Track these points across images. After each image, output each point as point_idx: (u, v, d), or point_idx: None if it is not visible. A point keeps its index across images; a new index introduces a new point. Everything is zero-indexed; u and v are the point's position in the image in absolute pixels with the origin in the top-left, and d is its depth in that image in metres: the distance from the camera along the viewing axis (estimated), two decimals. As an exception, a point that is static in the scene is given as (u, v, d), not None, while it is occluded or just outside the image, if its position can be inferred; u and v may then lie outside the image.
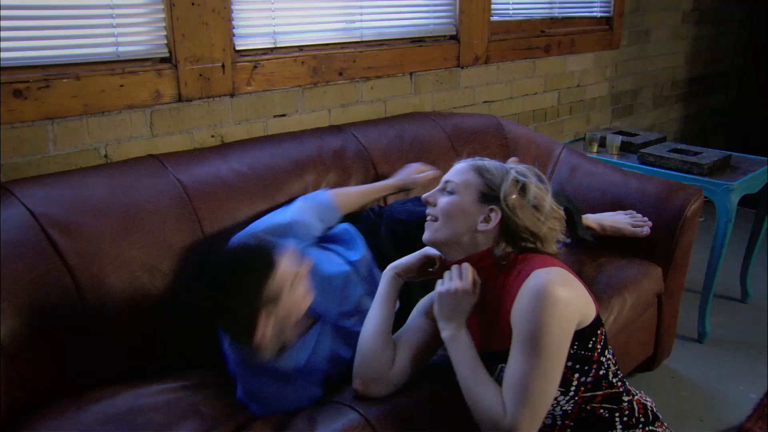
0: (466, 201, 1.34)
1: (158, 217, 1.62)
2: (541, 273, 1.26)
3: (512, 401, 1.22)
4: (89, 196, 1.58)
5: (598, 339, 1.31)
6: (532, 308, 1.22)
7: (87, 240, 1.50)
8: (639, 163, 2.67)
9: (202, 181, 1.74)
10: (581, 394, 1.31)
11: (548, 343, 1.21)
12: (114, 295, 1.51)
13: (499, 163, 1.40)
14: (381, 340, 1.41)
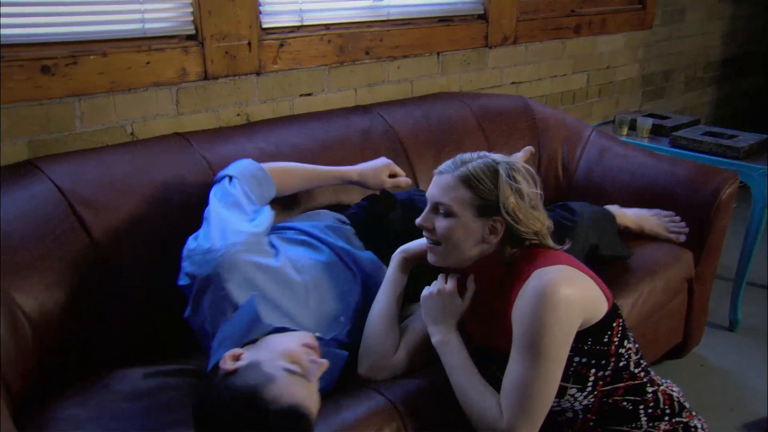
0: (467, 221, 1.27)
1: (184, 195, 1.61)
2: (542, 273, 1.22)
3: (510, 405, 1.20)
4: (116, 173, 1.58)
5: (615, 332, 1.27)
6: (531, 311, 1.19)
7: (113, 217, 1.50)
8: (670, 146, 2.60)
9: (227, 159, 1.70)
10: (600, 388, 1.28)
11: (548, 347, 1.18)
12: (141, 273, 1.51)
13: (483, 161, 1.29)
14: (386, 324, 1.39)
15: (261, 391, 1.11)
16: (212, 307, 1.31)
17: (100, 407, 1.30)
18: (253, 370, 1.14)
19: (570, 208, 1.87)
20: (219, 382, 1.14)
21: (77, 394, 1.34)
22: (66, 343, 1.42)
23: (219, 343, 1.27)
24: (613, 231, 1.95)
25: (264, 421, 1.10)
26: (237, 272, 1.32)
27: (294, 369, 1.16)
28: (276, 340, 1.23)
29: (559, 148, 2.42)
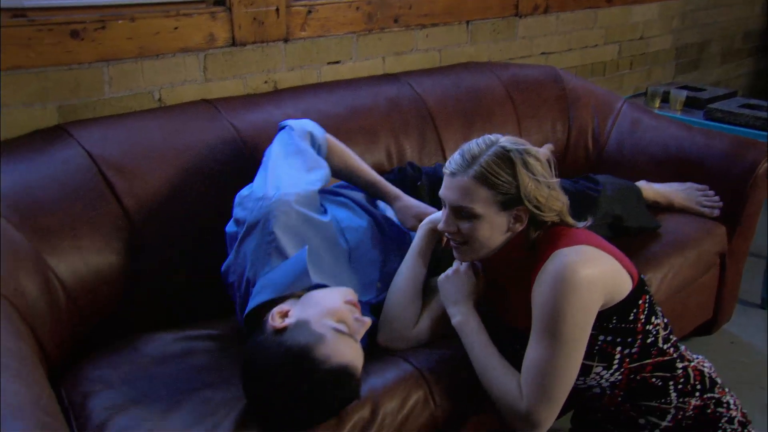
0: (491, 218, 1.22)
1: (212, 162, 1.61)
2: (560, 254, 1.19)
3: (529, 388, 1.19)
4: (145, 139, 1.58)
5: (641, 309, 1.25)
6: (549, 294, 1.17)
7: (142, 183, 1.50)
8: (705, 119, 2.53)
9: (255, 127, 1.72)
10: (627, 365, 1.26)
11: (567, 330, 1.16)
12: (168, 238, 1.52)
13: (493, 152, 1.21)
14: (409, 295, 1.38)
15: (311, 351, 1.11)
16: (257, 251, 1.30)
17: (131, 369, 1.32)
18: (303, 329, 1.15)
19: (594, 179, 1.85)
20: (269, 340, 1.15)
21: (109, 356, 1.36)
22: (99, 307, 1.43)
23: (260, 290, 1.27)
24: (639, 203, 1.91)
25: (315, 381, 1.11)
26: (287, 221, 1.31)
27: (341, 329, 1.16)
28: (321, 296, 1.23)
29: (590, 119, 2.36)
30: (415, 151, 2.02)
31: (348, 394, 1.15)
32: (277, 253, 1.30)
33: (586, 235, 1.26)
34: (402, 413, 1.26)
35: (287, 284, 1.25)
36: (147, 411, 1.20)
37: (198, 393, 1.25)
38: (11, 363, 0.96)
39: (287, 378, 1.11)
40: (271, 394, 1.12)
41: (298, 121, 1.54)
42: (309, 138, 1.50)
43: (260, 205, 1.32)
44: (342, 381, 1.13)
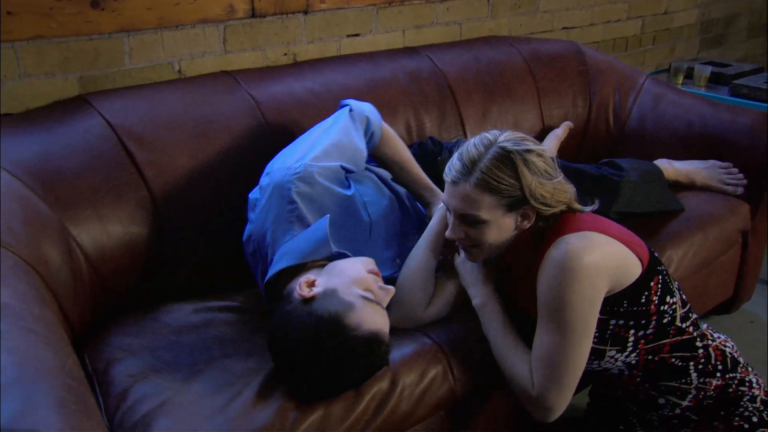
0: (498, 222, 1.21)
1: (232, 133, 1.60)
2: (562, 241, 1.17)
3: (539, 375, 1.19)
4: (165, 110, 1.57)
5: (653, 291, 1.23)
6: (552, 282, 1.16)
7: (162, 153, 1.50)
8: (730, 95, 2.48)
9: (275, 99, 1.71)
10: (642, 347, 1.25)
11: (571, 317, 1.15)
12: (187, 208, 1.52)
13: (492, 154, 1.18)
14: (422, 276, 1.36)
15: (343, 319, 1.12)
16: (278, 219, 1.31)
17: (152, 338, 1.33)
18: (332, 297, 1.15)
19: (617, 165, 1.81)
20: (298, 309, 1.15)
21: (130, 325, 1.37)
22: (120, 276, 1.44)
23: (280, 257, 1.27)
24: (662, 187, 1.88)
25: (348, 348, 1.11)
26: (309, 191, 1.32)
27: (369, 296, 1.17)
28: (345, 265, 1.22)
29: (611, 95, 2.32)
30: (434, 125, 2.00)
31: (378, 360, 1.16)
32: (299, 222, 1.30)
33: (592, 220, 1.23)
34: (420, 386, 1.26)
35: (308, 252, 1.24)
36: (168, 379, 1.21)
37: (218, 362, 1.26)
38: (38, 329, 0.97)
39: (320, 346, 1.11)
40: (303, 364, 1.13)
41: (359, 103, 1.53)
42: (365, 122, 1.50)
43: (286, 172, 1.32)
44: (373, 347, 1.14)
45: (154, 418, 1.11)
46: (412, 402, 1.25)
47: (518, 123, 2.18)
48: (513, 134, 1.22)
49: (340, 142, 1.43)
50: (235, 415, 1.12)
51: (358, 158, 1.45)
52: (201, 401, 1.15)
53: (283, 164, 1.37)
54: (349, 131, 1.46)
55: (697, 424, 1.31)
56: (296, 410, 1.14)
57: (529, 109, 2.21)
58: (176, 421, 1.11)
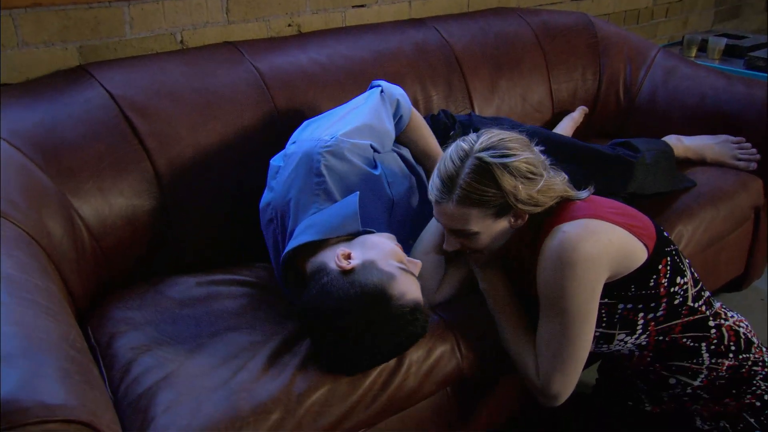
0: (490, 229, 1.21)
1: (235, 105, 1.59)
2: (560, 230, 1.16)
3: (543, 363, 1.19)
4: (167, 81, 1.55)
5: (661, 274, 1.22)
6: (549, 272, 1.15)
7: (165, 125, 1.49)
8: (745, 68, 2.44)
9: (280, 70, 1.69)
10: (653, 328, 1.24)
11: (572, 306, 1.15)
12: (190, 181, 1.51)
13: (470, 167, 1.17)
14: (432, 260, 1.36)
15: (387, 289, 1.12)
16: (304, 189, 1.29)
17: (156, 311, 1.33)
18: (372, 268, 1.15)
19: (632, 145, 1.80)
20: (338, 281, 1.14)
21: (133, 299, 1.37)
22: (123, 249, 1.44)
23: (305, 229, 1.25)
24: (671, 166, 1.86)
25: (393, 317, 1.12)
26: (338, 166, 1.31)
27: (405, 268, 1.18)
28: (376, 239, 1.23)
29: (622, 68, 2.29)
30: (441, 98, 1.98)
31: (420, 329, 1.16)
32: (325, 195, 1.29)
33: (590, 207, 1.22)
34: (428, 363, 1.26)
35: (335, 226, 1.23)
36: (171, 352, 1.21)
37: (222, 336, 1.26)
38: (41, 300, 0.96)
39: (366, 316, 1.11)
40: (349, 335, 1.12)
41: (390, 85, 1.52)
42: (395, 105, 1.50)
43: (314, 144, 1.31)
44: (417, 315, 1.14)
45: (158, 390, 1.12)
46: (419, 378, 1.25)
47: (526, 97, 2.16)
48: (488, 139, 1.20)
49: (371, 121, 1.42)
50: (239, 388, 1.12)
51: (386, 140, 1.45)
52: (205, 374, 1.16)
53: (312, 135, 1.35)
54: (380, 112, 1.45)
55: (707, 402, 1.30)
56: (302, 384, 1.14)
57: (537, 83, 2.18)
58: (180, 393, 1.11)
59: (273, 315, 1.33)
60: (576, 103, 2.26)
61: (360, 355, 1.15)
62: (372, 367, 1.19)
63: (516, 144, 1.19)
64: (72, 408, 0.79)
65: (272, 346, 1.22)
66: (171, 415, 1.07)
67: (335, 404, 1.15)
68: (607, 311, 1.22)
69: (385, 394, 1.20)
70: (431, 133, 1.60)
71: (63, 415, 0.78)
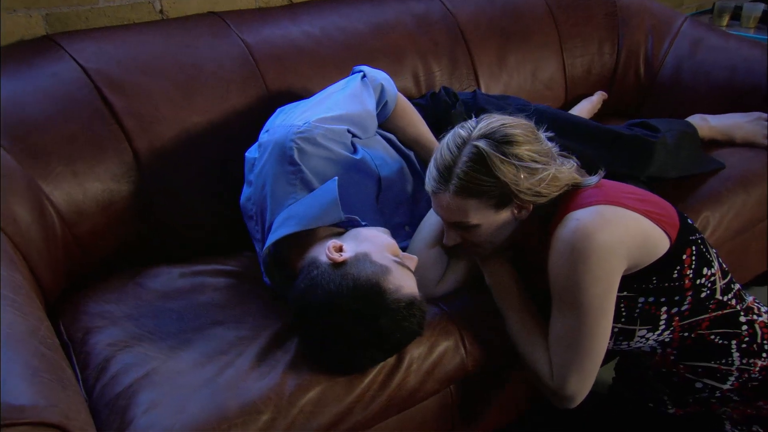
0: (491, 220, 1.21)
1: (221, 81, 1.58)
2: (573, 218, 1.15)
3: (557, 362, 1.19)
4: (146, 54, 1.54)
5: (686, 264, 1.21)
6: (562, 264, 1.15)
7: (144, 102, 1.48)
8: (784, 38, 2.41)
9: (269, 43, 1.68)
10: (677, 323, 1.23)
11: (587, 301, 1.14)
12: (173, 163, 1.50)
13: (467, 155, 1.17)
14: (434, 251, 1.35)
15: (381, 282, 1.13)
16: (279, 180, 1.30)
17: (135, 305, 1.33)
18: (365, 261, 1.16)
19: (651, 126, 1.78)
20: (329, 273, 1.15)
21: (111, 291, 1.37)
22: (99, 237, 1.43)
23: (283, 221, 1.26)
24: (696, 148, 1.85)
25: (388, 311, 1.12)
26: (314, 152, 1.31)
27: (401, 261, 1.19)
28: (369, 232, 1.24)
29: (643, 40, 2.27)
30: (444, 74, 1.97)
31: (416, 328, 1.16)
32: (302, 185, 1.30)
33: (605, 192, 1.21)
34: (430, 360, 1.26)
35: (315, 216, 1.23)
36: (153, 348, 1.21)
37: (208, 330, 1.26)
38: (6, 293, 0.96)
39: (360, 310, 1.11)
40: (341, 330, 1.12)
41: (373, 70, 1.53)
42: (379, 90, 1.50)
43: (286, 131, 1.32)
44: (413, 313, 1.14)
45: (138, 389, 1.11)
46: (420, 376, 1.25)
47: (537, 72, 2.14)
48: (488, 123, 1.20)
49: (349, 106, 1.42)
50: (226, 386, 1.12)
51: (368, 125, 1.45)
52: (189, 371, 1.16)
53: (284, 121, 1.36)
54: (361, 97, 1.46)
55: (738, 404, 1.29)
56: (294, 383, 1.14)
57: (549, 57, 2.16)
58: (162, 392, 1.11)
59: (262, 308, 1.33)
60: (591, 80, 2.25)
61: (352, 352, 1.14)
62: (366, 366, 1.19)
63: (519, 130, 1.19)
64: (42, 409, 0.79)
65: (262, 342, 1.22)
66: (152, 415, 1.06)
67: (330, 404, 1.14)
68: (626, 305, 1.22)
69: (384, 393, 1.20)
70: (421, 118, 1.60)
71: (32, 417, 0.77)
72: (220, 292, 1.38)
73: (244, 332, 1.25)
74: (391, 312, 1.12)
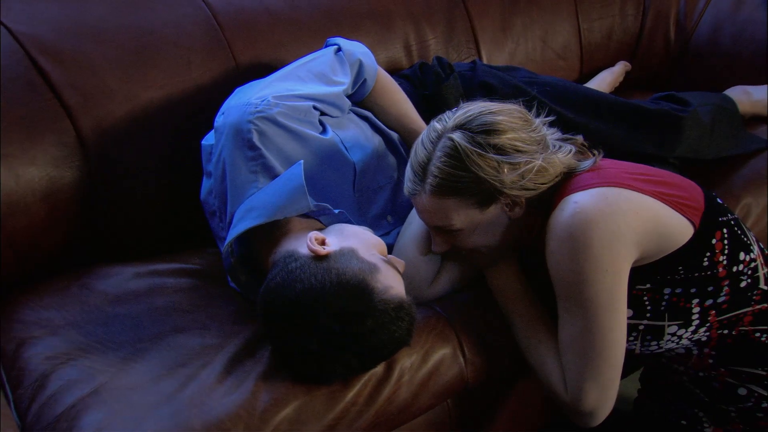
0: (479, 222, 1.23)
1: (180, 50, 1.58)
2: (571, 201, 1.16)
3: (570, 371, 1.19)
4: (88, 17, 1.54)
5: (717, 249, 1.20)
6: (563, 253, 1.15)
7: (88, 74, 1.48)
8: None
9: (237, 6, 1.69)
10: (714, 319, 1.23)
11: (593, 294, 1.14)
12: (124, 146, 1.50)
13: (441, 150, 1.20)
14: (423, 248, 1.36)
15: (368, 281, 1.14)
16: (238, 168, 1.31)
17: (81, 311, 1.32)
18: (351, 256, 1.18)
19: (680, 99, 1.79)
20: (310, 266, 1.16)
21: (52, 295, 1.36)
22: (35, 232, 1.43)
23: (245, 213, 1.26)
24: (735, 125, 1.86)
25: (376, 312, 1.13)
26: (275, 133, 1.32)
27: (390, 261, 1.21)
28: (356, 229, 1.27)
29: (674, 0, 2.28)
30: (440, 42, 1.98)
31: (404, 334, 1.17)
32: (264, 172, 1.31)
33: (611, 171, 1.22)
34: (424, 370, 1.27)
35: (279, 206, 1.24)
36: (101, 361, 1.20)
37: (167, 339, 1.26)
38: None
39: (343, 309, 1.12)
40: (319, 332, 1.12)
41: (350, 43, 1.55)
42: (356, 66, 1.51)
43: (241, 111, 1.32)
44: (401, 316, 1.15)
45: (83, 409, 1.11)
46: (413, 389, 1.25)
47: (548, 38, 2.15)
48: (466, 113, 1.22)
49: (317, 83, 1.43)
50: (189, 402, 1.12)
51: (339, 103, 1.46)
52: (146, 387, 1.15)
53: (240, 100, 1.36)
54: (334, 69, 1.47)
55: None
56: (267, 397, 1.14)
57: (562, 20, 2.17)
58: (113, 411, 1.10)
59: (231, 312, 1.33)
60: (611, 47, 2.26)
61: (333, 357, 1.14)
62: (348, 375, 1.19)
63: (503, 117, 1.20)
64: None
65: (230, 351, 1.22)
66: (101, 439, 1.06)
67: (309, 422, 1.15)
68: (650, 298, 1.22)
69: (371, 409, 1.20)
70: (405, 97, 1.61)
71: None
72: (182, 295, 1.38)
73: (210, 340, 1.25)
74: (379, 313, 1.12)
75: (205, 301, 1.36)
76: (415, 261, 1.34)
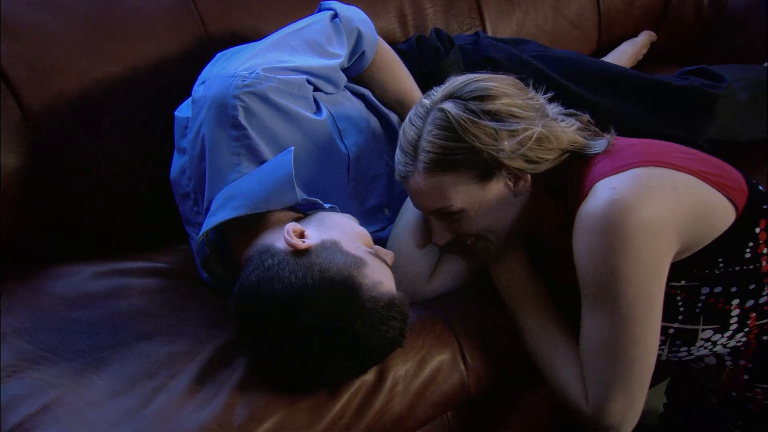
0: (481, 199, 1.23)
1: (146, 21, 1.60)
2: (607, 186, 1.14)
3: (594, 380, 1.17)
4: (42, -18, 1.54)
5: (761, 240, 1.19)
6: (596, 248, 1.14)
7: (38, 47, 1.49)
8: None
9: None
10: (753, 323, 1.22)
11: (629, 292, 1.13)
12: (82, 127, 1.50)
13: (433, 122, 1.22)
14: (421, 240, 1.36)
15: (355, 276, 1.15)
16: (219, 148, 1.30)
17: (31, 316, 1.32)
18: (334, 249, 1.18)
19: (713, 73, 1.78)
20: (288, 262, 1.15)
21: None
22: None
23: (224, 202, 1.26)
24: None
25: (365, 311, 1.13)
26: (264, 111, 1.31)
27: (376, 254, 1.22)
28: (339, 218, 1.28)
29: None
30: (439, 12, 2.00)
31: (397, 335, 1.17)
32: (249, 155, 1.30)
33: (646, 149, 1.21)
34: (419, 378, 1.27)
35: (262, 197, 1.24)
36: (54, 372, 1.20)
37: (130, 346, 1.25)
38: None
39: (328, 309, 1.12)
40: (302, 335, 1.12)
41: (348, 8, 1.54)
42: (355, 36, 1.51)
43: (226, 83, 1.30)
44: (392, 315, 1.15)
45: (32, 428, 1.10)
46: (408, 400, 1.25)
47: (560, 6, 2.17)
48: (455, 83, 1.24)
49: (311, 53, 1.43)
50: (156, 418, 1.12)
51: (334, 78, 1.46)
52: (105, 401, 1.15)
53: (224, 70, 1.34)
54: (328, 43, 1.46)
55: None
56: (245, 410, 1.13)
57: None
58: (68, 430, 1.09)
59: (204, 316, 1.34)
60: (634, 15, 2.27)
61: (317, 363, 1.14)
62: (336, 383, 1.19)
63: (495, 83, 1.22)
64: None
65: (202, 359, 1.22)
66: (53, 462, 1.06)
67: (291, 438, 1.14)
68: (684, 298, 1.21)
69: (362, 422, 1.20)
70: (407, 72, 1.62)
71: None
72: (148, 297, 1.38)
73: (180, 347, 1.25)
74: (368, 312, 1.12)
75: (174, 303, 1.36)
76: (410, 253, 1.35)
